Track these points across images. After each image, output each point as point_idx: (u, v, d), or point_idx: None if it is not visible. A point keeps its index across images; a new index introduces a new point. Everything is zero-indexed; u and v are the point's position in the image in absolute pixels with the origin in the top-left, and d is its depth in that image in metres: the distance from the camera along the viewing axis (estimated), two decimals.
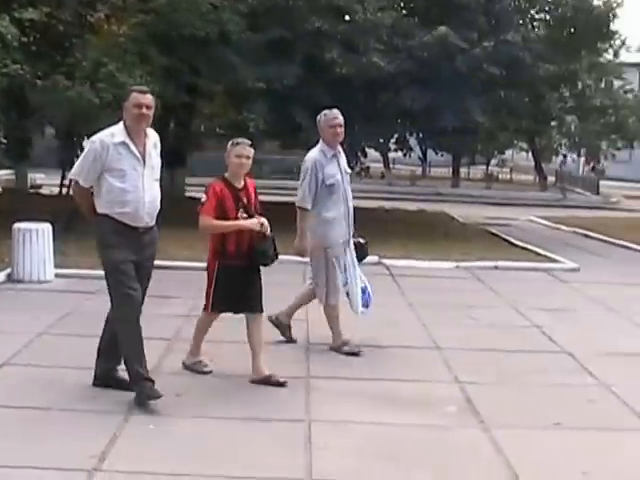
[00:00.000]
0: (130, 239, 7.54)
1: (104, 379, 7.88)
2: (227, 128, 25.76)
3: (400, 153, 30.91)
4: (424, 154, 47.71)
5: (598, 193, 48.32)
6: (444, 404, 7.92)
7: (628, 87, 52.36)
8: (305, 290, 10.08)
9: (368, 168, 29.60)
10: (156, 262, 7.95)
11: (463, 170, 54.20)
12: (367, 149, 28.35)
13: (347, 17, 21.56)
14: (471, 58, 21.18)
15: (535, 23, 25.71)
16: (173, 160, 23.00)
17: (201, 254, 9.54)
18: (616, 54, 45.24)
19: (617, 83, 50.40)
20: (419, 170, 51.40)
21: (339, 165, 9.60)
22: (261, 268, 8.37)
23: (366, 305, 9.76)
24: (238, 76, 19.62)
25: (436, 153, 32.63)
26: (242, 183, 8.30)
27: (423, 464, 6.38)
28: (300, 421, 7.25)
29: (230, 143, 8.30)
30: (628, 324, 12.01)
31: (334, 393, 8.09)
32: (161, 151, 7.90)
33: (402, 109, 21.81)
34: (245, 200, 8.24)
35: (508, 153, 67.11)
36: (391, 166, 51.52)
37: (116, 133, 7.58)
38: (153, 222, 7.75)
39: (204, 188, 8.30)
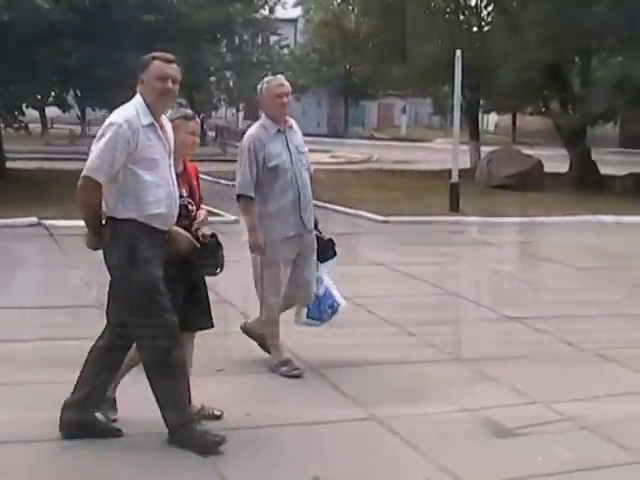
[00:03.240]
0: (161, 248, 5.94)
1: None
2: None
3: (59, 110, 30.04)
4: (82, 112, 46.67)
5: None
6: None
7: (284, 43, 53.98)
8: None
9: (27, 127, 28.14)
10: None
11: None
12: (25, 107, 27.43)
13: None
14: (126, 8, 21.08)
15: None
16: None
17: None
18: (272, 10, 46.39)
19: (273, 39, 51.80)
20: (79, 129, 50.25)
21: (287, 143, 7.87)
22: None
23: (318, 317, 8.20)
24: None
25: (94, 110, 32.01)
26: (181, 167, 6.47)
27: None
28: None
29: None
30: None
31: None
32: None
33: (60, 65, 21.34)
34: (186, 190, 6.48)
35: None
36: (50, 126, 50.21)
37: (141, 112, 5.86)
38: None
39: None
